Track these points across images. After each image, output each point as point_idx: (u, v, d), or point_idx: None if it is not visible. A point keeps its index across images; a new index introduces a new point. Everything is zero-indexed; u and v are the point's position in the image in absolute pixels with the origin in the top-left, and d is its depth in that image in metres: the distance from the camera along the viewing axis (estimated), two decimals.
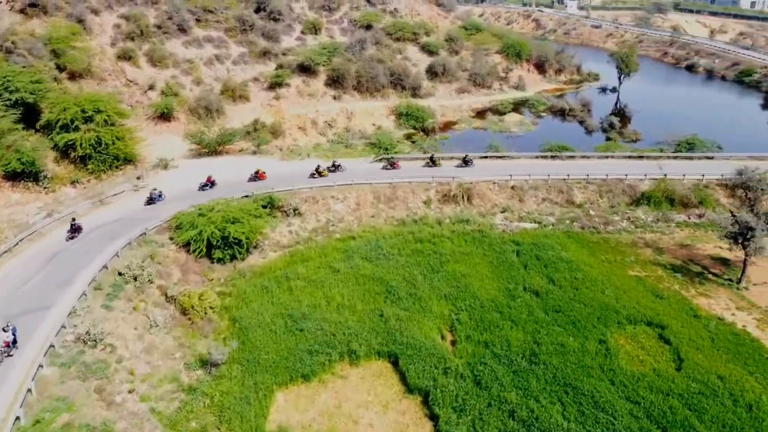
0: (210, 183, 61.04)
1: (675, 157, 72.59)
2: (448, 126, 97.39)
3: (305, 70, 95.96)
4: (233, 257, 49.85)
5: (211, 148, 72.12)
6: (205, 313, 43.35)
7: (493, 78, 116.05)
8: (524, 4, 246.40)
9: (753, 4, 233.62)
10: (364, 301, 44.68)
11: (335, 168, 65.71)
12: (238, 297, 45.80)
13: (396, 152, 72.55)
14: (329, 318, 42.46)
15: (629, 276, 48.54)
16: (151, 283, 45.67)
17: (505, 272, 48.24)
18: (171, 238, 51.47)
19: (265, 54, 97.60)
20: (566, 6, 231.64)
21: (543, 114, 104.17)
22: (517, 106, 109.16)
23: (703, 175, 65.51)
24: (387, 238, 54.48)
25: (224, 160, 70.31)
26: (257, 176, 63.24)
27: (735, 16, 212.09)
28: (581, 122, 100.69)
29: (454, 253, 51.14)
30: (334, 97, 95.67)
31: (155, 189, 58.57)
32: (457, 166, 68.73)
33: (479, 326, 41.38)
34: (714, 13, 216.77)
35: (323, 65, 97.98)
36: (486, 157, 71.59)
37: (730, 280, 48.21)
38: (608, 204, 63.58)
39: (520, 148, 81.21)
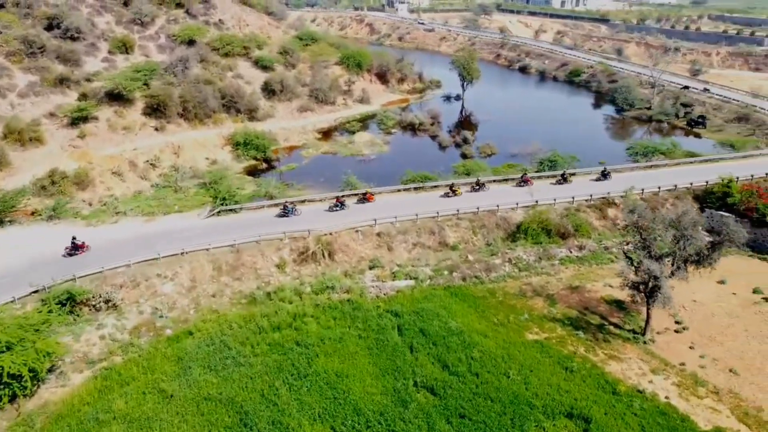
0: None
1: (539, 177, 67.44)
2: (293, 151, 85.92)
3: (117, 98, 78.85)
4: (13, 397, 34.68)
5: None
6: None
7: (335, 92, 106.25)
8: (356, 8, 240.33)
9: (563, 3, 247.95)
10: None
11: None
12: None
13: (236, 202, 59.48)
14: None
15: (529, 343, 40.83)
16: None
17: (389, 362, 38.19)
18: None
19: (62, 82, 78.92)
20: (397, 10, 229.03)
21: (393, 130, 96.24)
22: (365, 122, 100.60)
23: (573, 198, 60.69)
24: (235, 327, 42.09)
25: (6, 234, 53.08)
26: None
27: (551, 15, 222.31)
28: (433, 137, 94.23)
29: (322, 341, 40.11)
30: (156, 129, 79.85)
31: None
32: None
33: None
34: (533, 13, 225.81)
35: (139, 91, 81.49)
36: (344, 196, 61.03)
37: (634, 331, 42.40)
38: (484, 242, 56.29)
39: (377, 177, 72.24)
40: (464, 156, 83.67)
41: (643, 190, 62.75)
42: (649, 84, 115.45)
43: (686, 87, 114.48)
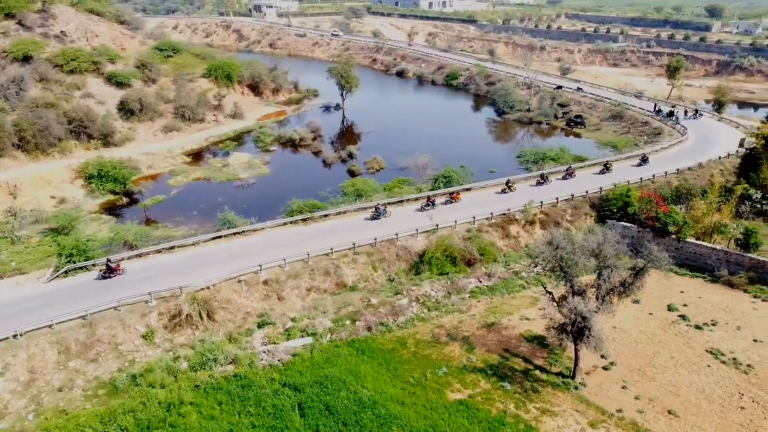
0: None
1: (434, 195, 62.32)
2: (159, 179, 75.12)
3: None
4: None
5: None
6: None
7: (204, 108, 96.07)
8: (221, 14, 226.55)
9: (431, 5, 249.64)
10: None
11: None
12: None
13: (87, 258, 48.46)
14: None
15: (453, 405, 34.97)
16: None
17: None
18: None
19: None
20: (265, 14, 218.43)
21: (272, 147, 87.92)
22: (241, 140, 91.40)
23: (474, 217, 56.12)
24: None
25: None
26: None
27: (420, 17, 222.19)
28: (316, 153, 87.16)
29: None
30: None
31: None
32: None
33: None
34: (403, 16, 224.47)
35: None
36: (218, 237, 52.21)
37: (562, 374, 37.95)
38: (386, 277, 50.15)
39: (258, 205, 64.09)
40: (352, 173, 77.35)
41: (542, 203, 59.64)
42: (526, 85, 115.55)
43: (560, 87, 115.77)
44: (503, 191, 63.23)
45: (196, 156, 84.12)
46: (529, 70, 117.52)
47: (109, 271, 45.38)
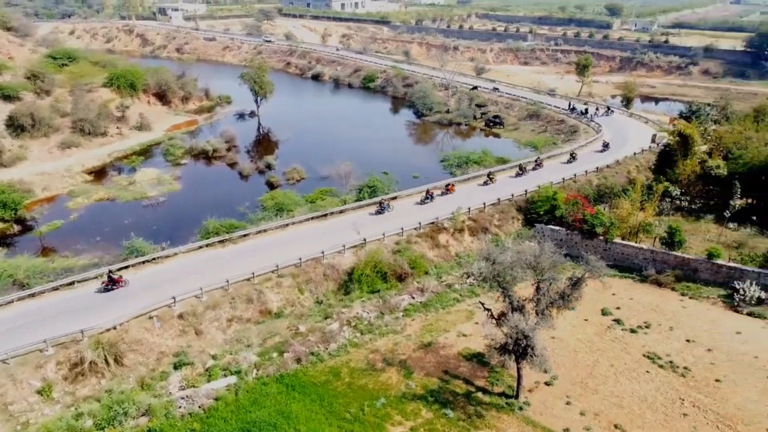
0: None
1: (360, 207, 59.60)
2: (57, 201, 68.17)
3: None
4: None
5: None
6: None
7: (107, 121, 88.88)
8: (122, 17, 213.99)
9: (343, 6, 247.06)
10: None
11: None
12: None
13: None
14: None
15: None
16: None
17: None
18: None
19: None
20: (171, 18, 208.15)
21: (183, 161, 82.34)
22: (149, 154, 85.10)
23: (402, 229, 53.74)
24: None
25: None
26: None
27: (333, 18, 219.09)
28: (231, 165, 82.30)
29: None
30: None
31: None
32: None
33: None
34: (316, 17, 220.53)
35: None
36: (126, 266, 46.99)
37: (505, 395, 36.07)
38: (313, 300, 46.83)
39: (168, 227, 59.13)
40: (271, 185, 73.34)
41: (469, 209, 58.14)
42: (443, 86, 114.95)
43: (476, 87, 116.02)
44: (422, 202, 60.95)
45: (99, 174, 77.29)
46: (445, 71, 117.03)
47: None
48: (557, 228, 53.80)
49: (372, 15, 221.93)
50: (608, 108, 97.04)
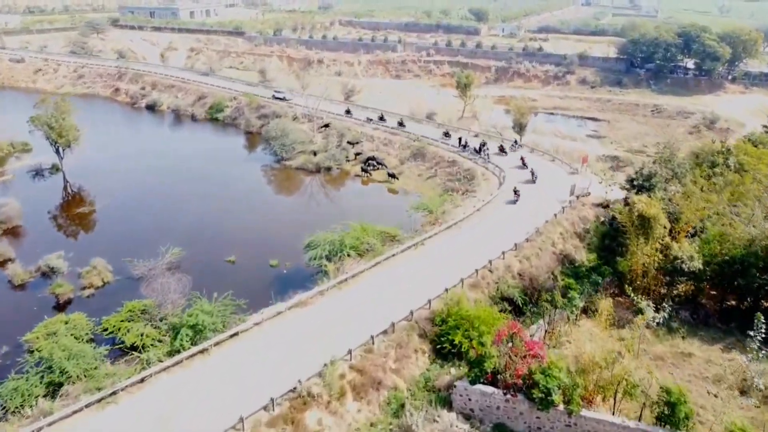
0: None
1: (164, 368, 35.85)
2: None
3: None
4: None
5: None
6: None
7: None
8: None
9: (192, 14, 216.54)
10: None
11: None
12: None
13: None
14: None
15: None
16: None
17: None
18: None
19: None
20: None
21: None
22: None
23: (240, 418, 30.92)
24: None
25: None
26: None
27: (180, 30, 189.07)
28: (1, 264, 54.48)
29: None
30: None
31: None
32: None
33: None
34: (158, 29, 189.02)
35: None
36: None
37: None
38: None
39: None
40: (57, 303, 47.54)
41: (350, 351, 36.55)
42: (307, 117, 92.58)
43: (348, 111, 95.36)
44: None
45: None
46: (308, 97, 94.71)
47: None
48: (489, 390, 33.24)
49: (224, 25, 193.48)
50: (515, 142, 79.25)
